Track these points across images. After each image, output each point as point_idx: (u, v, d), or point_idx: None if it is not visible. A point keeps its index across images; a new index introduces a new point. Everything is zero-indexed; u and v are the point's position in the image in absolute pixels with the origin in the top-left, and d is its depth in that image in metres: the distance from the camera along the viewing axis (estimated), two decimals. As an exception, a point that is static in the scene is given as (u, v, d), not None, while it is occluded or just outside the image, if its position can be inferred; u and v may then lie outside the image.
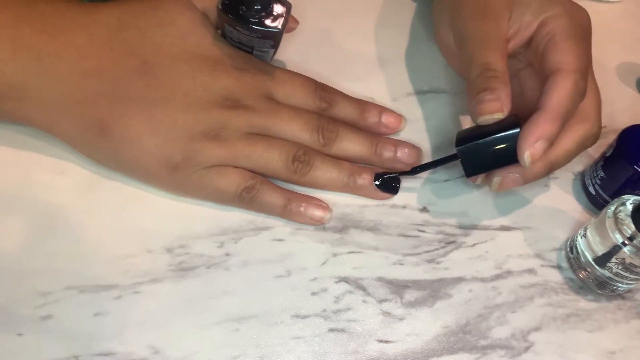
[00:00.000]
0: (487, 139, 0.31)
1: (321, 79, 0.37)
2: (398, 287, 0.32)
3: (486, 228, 0.35)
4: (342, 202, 0.35)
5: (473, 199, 0.36)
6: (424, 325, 0.31)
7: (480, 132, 0.32)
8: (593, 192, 0.36)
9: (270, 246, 0.32)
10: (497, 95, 0.31)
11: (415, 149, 0.37)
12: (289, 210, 0.33)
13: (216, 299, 0.30)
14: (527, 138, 0.30)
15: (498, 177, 0.33)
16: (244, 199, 0.32)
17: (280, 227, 0.33)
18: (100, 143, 0.31)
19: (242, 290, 0.31)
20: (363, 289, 0.32)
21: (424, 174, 0.37)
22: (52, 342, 0.28)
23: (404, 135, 0.38)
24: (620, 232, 0.30)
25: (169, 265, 0.31)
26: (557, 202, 0.37)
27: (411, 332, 0.31)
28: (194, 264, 0.31)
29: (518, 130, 0.31)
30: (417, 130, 0.39)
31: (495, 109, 0.31)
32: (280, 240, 0.33)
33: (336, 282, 0.32)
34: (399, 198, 0.35)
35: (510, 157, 0.31)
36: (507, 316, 0.32)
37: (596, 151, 0.39)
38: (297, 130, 0.34)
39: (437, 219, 0.35)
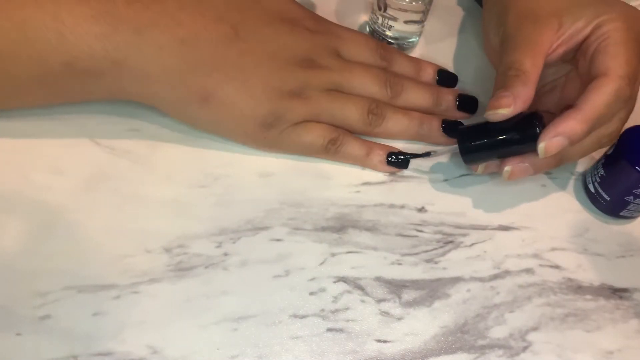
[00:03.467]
0: (489, 124, 0.32)
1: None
2: (396, 286, 0.32)
3: (484, 228, 0.35)
4: (340, 202, 0.35)
5: (471, 198, 0.36)
6: (422, 325, 0.31)
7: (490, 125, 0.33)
8: (592, 190, 0.36)
9: (269, 246, 0.33)
10: (511, 93, 0.31)
11: (473, 98, 0.39)
12: (370, 158, 0.36)
13: (214, 298, 0.30)
14: (549, 130, 0.30)
15: (509, 166, 0.33)
16: (329, 150, 0.35)
17: (278, 227, 0.33)
18: (200, 111, 0.33)
19: (240, 290, 0.31)
20: (361, 288, 0.32)
21: (423, 173, 0.37)
22: (50, 342, 0.28)
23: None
24: None
25: (167, 265, 0.31)
26: (555, 202, 0.37)
27: (409, 331, 0.31)
28: (192, 264, 0.31)
29: (512, 112, 0.31)
30: (416, 130, 0.39)
31: (503, 104, 0.31)
32: (278, 240, 0.33)
33: (334, 282, 0.32)
34: (397, 198, 0.35)
35: (508, 143, 0.32)
36: (505, 316, 0.32)
37: (597, 152, 0.39)
38: (368, 84, 0.36)
39: (435, 219, 0.35)
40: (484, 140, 0.33)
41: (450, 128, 0.37)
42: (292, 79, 0.34)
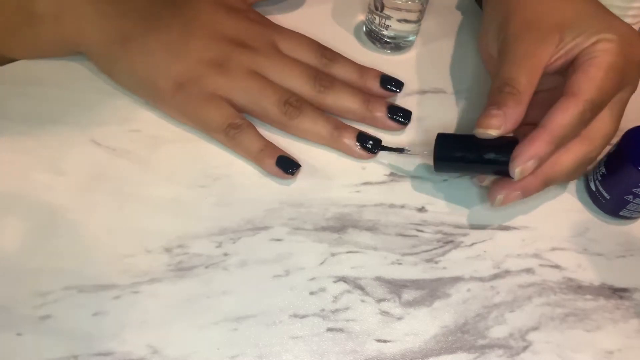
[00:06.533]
0: (468, 138, 0.33)
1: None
2: (396, 286, 0.32)
3: (484, 228, 0.35)
4: (340, 202, 0.35)
5: (471, 198, 0.36)
6: (422, 324, 0.31)
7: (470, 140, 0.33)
8: (593, 188, 0.36)
9: (269, 246, 0.33)
10: (503, 112, 0.31)
11: (407, 111, 0.38)
12: (262, 155, 0.35)
13: (215, 298, 0.30)
14: (521, 155, 0.30)
15: (501, 195, 0.33)
16: (228, 134, 0.35)
17: (278, 227, 0.33)
18: (119, 54, 0.35)
19: (240, 290, 0.31)
20: (361, 288, 0.32)
21: (423, 173, 0.37)
22: (51, 341, 0.28)
23: (403, 138, 0.38)
24: None
25: (167, 265, 0.31)
26: (555, 202, 0.37)
27: (409, 331, 0.31)
28: (192, 263, 0.31)
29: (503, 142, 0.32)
30: (415, 130, 0.39)
31: (493, 124, 0.31)
32: (278, 240, 0.33)
33: (334, 282, 0.32)
34: (397, 198, 0.35)
35: (484, 162, 0.32)
36: (505, 316, 0.32)
37: (603, 155, 0.39)
38: (295, 76, 0.36)
39: (436, 219, 0.35)
40: (462, 154, 0.33)
41: (368, 144, 0.36)
42: (216, 49, 0.36)
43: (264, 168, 0.35)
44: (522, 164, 0.31)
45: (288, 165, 0.35)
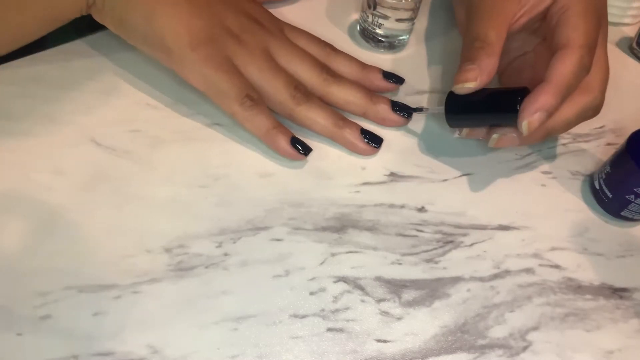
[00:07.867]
0: (477, 94, 0.33)
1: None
2: (396, 286, 0.32)
3: (484, 227, 0.35)
4: (341, 202, 0.35)
5: (471, 198, 0.36)
6: (422, 324, 0.31)
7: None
8: (597, 186, 0.37)
9: (269, 246, 0.33)
10: (477, 65, 0.32)
11: (408, 108, 0.39)
12: (274, 132, 0.35)
13: (215, 298, 0.30)
14: (528, 108, 0.31)
15: (497, 134, 0.34)
16: (244, 104, 0.35)
17: (278, 227, 0.33)
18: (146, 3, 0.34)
19: (240, 290, 0.31)
20: (361, 288, 0.32)
21: (423, 173, 0.37)
22: (51, 341, 0.28)
23: (403, 138, 0.38)
24: None
25: (167, 265, 0.31)
26: (555, 202, 0.37)
27: (409, 331, 0.31)
28: (192, 263, 0.31)
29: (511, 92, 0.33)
30: (416, 130, 0.39)
31: (469, 78, 0.32)
32: (278, 240, 0.33)
33: (334, 282, 0.32)
34: (397, 198, 0.35)
35: (493, 112, 0.33)
36: (505, 316, 0.32)
37: (605, 155, 0.39)
38: (305, 64, 0.37)
39: (435, 219, 0.35)
40: (472, 105, 0.34)
41: (370, 138, 0.37)
42: (236, 20, 0.36)
43: (276, 147, 0.35)
44: (529, 116, 0.31)
45: (301, 145, 0.35)
